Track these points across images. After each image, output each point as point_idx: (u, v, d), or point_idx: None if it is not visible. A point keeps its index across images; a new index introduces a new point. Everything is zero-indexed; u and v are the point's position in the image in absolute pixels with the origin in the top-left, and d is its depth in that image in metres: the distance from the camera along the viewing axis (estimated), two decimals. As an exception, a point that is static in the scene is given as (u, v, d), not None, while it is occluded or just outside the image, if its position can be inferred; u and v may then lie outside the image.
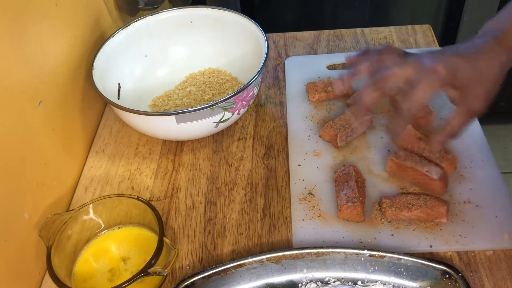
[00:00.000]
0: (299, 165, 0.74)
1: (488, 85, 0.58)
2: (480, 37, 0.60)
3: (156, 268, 0.58)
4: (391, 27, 1.00)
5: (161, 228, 0.61)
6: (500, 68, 0.58)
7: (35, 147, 0.66)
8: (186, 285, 0.58)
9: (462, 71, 0.57)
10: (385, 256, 0.59)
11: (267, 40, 0.79)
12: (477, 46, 0.59)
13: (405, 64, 0.59)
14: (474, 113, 0.60)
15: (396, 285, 0.59)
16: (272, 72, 0.92)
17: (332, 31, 1.00)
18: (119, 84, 0.83)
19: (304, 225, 0.67)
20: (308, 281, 0.60)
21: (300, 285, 0.61)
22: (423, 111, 0.76)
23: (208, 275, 0.59)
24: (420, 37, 0.97)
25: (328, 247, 0.60)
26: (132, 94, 0.84)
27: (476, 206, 0.66)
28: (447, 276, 0.57)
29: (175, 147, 0.81)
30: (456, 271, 0.57)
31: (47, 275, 0.65)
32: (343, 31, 1.00)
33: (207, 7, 0.87)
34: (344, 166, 0.72)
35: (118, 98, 0.81)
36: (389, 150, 0.74)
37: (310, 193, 0.70)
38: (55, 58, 0.72)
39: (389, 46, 0.63)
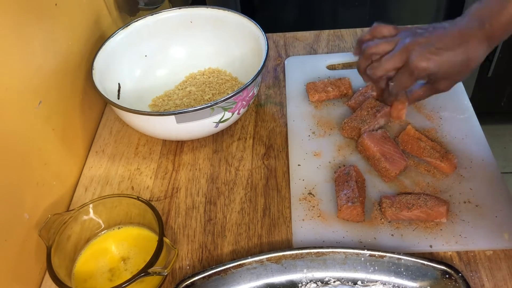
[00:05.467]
0: (299, 165, 0.74)
1: (463, 75, 0.63)
2: (467, 22, 0.62)
3: (156, 268, 0.57)
4: (391, 27, 1.00)
5: (161, 228, 0.61)
6: (479, 61, 0.61)
7: (35, 147, 0.66)
8: (186, 285, 0.58)
9: (446, 66, 0.61)
10: (385, 256, 0.59)
11: (267, 40, 0.79)
12: (465, 37, 0.61)
13: (394, 56, 0.63)
14: (440, 92, 0.66)
15: (396, 285, 0.59)
16: (272, 72, 0.92)
17: (332, 31, 1.00)
18: (119, 84, 0.83)
19: (304, 225, 0.66)
20: (308, 281, 0.60)
21: (300, 285, 0.61)
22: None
23: (208, 275, 0.59)
24: (420, 37, 0.97)
25: (328, 247, 0.60)
26: (132, 94, 0.84)
27: (476, 206, 0.66)
28: (447, 276, 0.57)
29: (175, 147, 0.81)
30: (456, 271, 0.57)
31: (47, 275, 0.65)
32: (343, 31, 1.00)
33: (207, 7, 0.87)
34: (344, 166, 0.72)
35: (118, 98, 0.81)
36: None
37: (310, 193, 0.70)
38: (55, 58, 0.72)
39: (378, 27, 0.67)
